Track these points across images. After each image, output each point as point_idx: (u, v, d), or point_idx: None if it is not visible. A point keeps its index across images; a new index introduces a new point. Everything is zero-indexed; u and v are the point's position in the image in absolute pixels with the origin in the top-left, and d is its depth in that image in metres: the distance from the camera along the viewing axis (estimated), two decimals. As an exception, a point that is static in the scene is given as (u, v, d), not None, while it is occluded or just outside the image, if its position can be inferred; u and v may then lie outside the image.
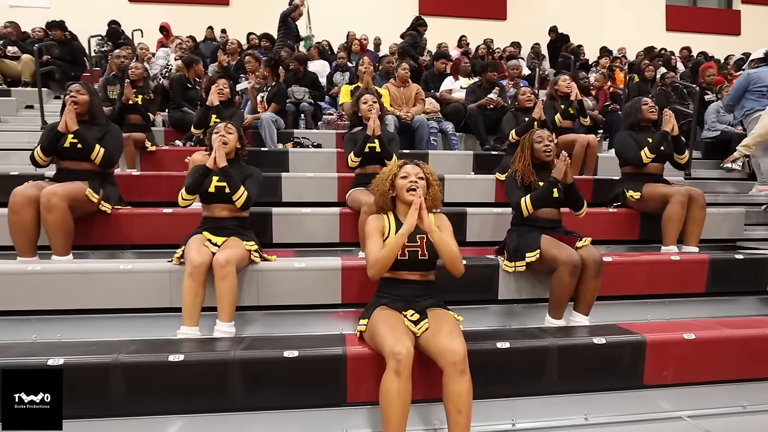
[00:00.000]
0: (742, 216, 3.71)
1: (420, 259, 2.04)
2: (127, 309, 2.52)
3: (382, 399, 1.71)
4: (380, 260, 1.96)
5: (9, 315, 2.48)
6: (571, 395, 2.16)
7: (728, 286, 2.98)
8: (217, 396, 1.92)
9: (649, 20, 12.33)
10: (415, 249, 2.04)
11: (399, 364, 1.70)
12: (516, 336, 2.18)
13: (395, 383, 1.69)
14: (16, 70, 6.84)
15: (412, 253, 2.03)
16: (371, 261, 2.01)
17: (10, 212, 2.63)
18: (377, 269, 1.99)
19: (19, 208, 2.62)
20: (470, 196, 3.91)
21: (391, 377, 1.70)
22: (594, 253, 2.45)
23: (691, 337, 2.17)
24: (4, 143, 5.04)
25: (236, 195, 2.52)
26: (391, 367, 1.71)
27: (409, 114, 4.87)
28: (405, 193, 2.09)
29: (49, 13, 8.92)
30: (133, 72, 4.54)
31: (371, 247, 2.04)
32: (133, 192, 3.48)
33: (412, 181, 2.10)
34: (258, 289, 2.55)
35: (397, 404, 1.68)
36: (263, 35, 8.14)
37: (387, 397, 1.69)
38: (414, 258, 2.04)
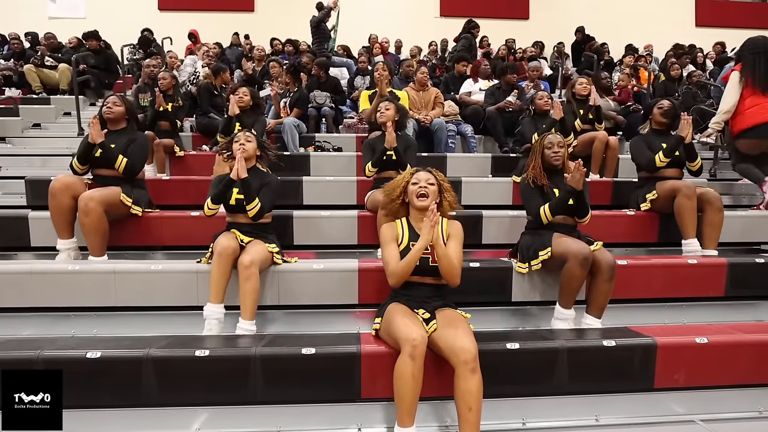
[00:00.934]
0: (766, 218, 3.63)
1: (431, 266, 2.14)
2: (158, 306, 2.68)
3: (397, 381, 1.84)
4: (397, 273, 2.11)
5: (50, 311, 2.67)
6: (582, 396, 2.19)
7: (748, 290, 2.94)
8: (239, 389, 2.04)
9: (678, 16, 12.01)
10: (426, 256, 2.13)
11: (414, 349, 1.82)
12: (526, 337, 2.24)
13: (410, 367, 1.81)
14: (55, 78, 7.21)
15: (423, 260, 2.12)
16: (389, 272, 2.15)
17: (50, 196, 2.89)
18: (396, 279, 2.13)
19: (57, 192, 2.88)
20: (487, 198, 3.95)
21: (406, 361, 1.82)
22: (607, 256, 2.48)
23: (703, 341, 2.17)
24: (45, 149, 5.35)
25: (250, 206, 2.64)
26: (407, 352, 1.83)
27: (428, 117, 4.93)
28: (415, 199, 2.17)
29: (85, 23, 9.36)
30: (162, 82, 4.75)
31: (387, 257, 2.16)
32: (163, 195, 3.67)
33: (422, 186, 2.18)
34: (279, 289, 2.67)
35: (410, 386, 1.81)
36: (287, 41, 8.33)
37: (402, 379, 1.82)
38: (425, 264, 2.13)
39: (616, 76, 7.06)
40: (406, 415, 1.84)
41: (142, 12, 10.79)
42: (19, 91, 7.27)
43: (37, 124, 6.25)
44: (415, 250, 2.05)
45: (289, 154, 4.59)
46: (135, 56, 8.45)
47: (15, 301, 2.63)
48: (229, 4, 11.23)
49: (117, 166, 3.05)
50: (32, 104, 6.62)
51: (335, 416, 2.09)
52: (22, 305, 2.64)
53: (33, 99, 6.86)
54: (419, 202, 2.17)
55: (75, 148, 3.93)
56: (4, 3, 10.76)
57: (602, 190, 4.07)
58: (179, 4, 11.12)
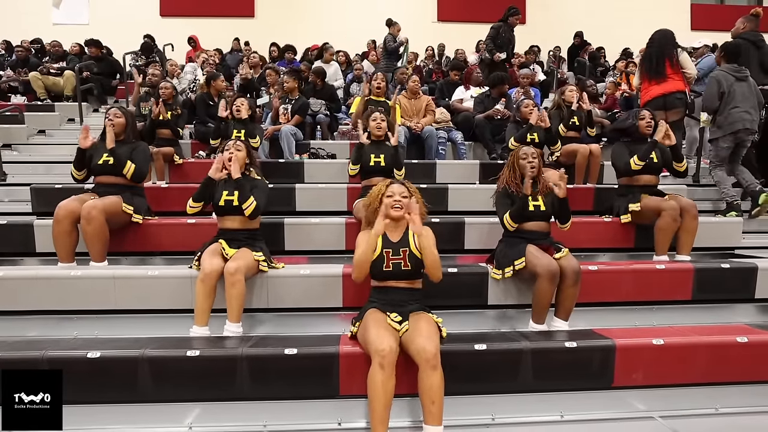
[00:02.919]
0: (739, 224, 3.78)
1: (403, 270, 2.30)
2: (155, 309, 2.85)
3: (369, 389, 1.99)
4: (356, 263, 2.32)
5: (54, 314, 2.84)
6: (547, 394, 2.35)
7: (715, 294, 3.09)
8: (227, 387, 2.21)
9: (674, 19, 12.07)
10: (399, 261, 2.30)
11: (383, 359, 1.97)
12: (495, 339, 2.40)
13: (379, 376, 1.96)
14: (59, 85, 7.41)
15: (396, 265, 2.29)
16: (354, 262, 2.34)
17: (54, 222, 3.03)
18: (357, 271, 2.33)
19: (61, 219, 3.01)
20: (473, 204, 4.09)
21: (376, 370, 1.97)
22: (572, 262, 2.64)
23: (660, 343, 2.32)
24: (50, 156, 5.55)
25: (245, 204, 2.79)
26: (376, 362, 1.98)
27: (419, 125, 5.09)
28: (390, 210, 2.34)
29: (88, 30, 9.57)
30: (163, 91, 4.93)
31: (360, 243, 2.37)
32: (162, 203, 3.84)
33: (396, 200, 2.35)
34: (267, 293, 2.84)
35: (381, 394, 1.95)
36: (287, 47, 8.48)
37: (373, 388, 1.97)
38: (398, 269, 2.30)
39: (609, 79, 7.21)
40: (379, 423, 1.93)
41: (144, 18, 11.00)
42: (24, 98, 7.48)
43: (42, 130, 6.45)
44: (371, 236, 2.26)
45: (283, 162, 4.76)
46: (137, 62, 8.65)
47: (21, 305, 2.81)
48: (230, 9, 11.44)
49: (125, 172, 3.22)
50: (37, 111, 6.82)
51: (317, 412, 2.26)
52: (28, 308, 2.82)
53: (38, 106, 7.07)
54: (394, 212, 2.34)
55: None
56: (9, 10, 11.00)
57: (584, 197, 4.22)
58: (180, 10, 11.34)
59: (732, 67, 4.34)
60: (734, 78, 4.26)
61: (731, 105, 4.21)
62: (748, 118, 4.19)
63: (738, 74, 4.28)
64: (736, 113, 4.18)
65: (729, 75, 4.27)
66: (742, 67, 4.36)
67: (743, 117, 4.18)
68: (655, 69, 4.70)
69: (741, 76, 4.28)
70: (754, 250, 3.75)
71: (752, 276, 3.08)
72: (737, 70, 4.30)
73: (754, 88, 4.31)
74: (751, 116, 4.21)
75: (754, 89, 4.31)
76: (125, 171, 3.22)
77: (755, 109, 4.27)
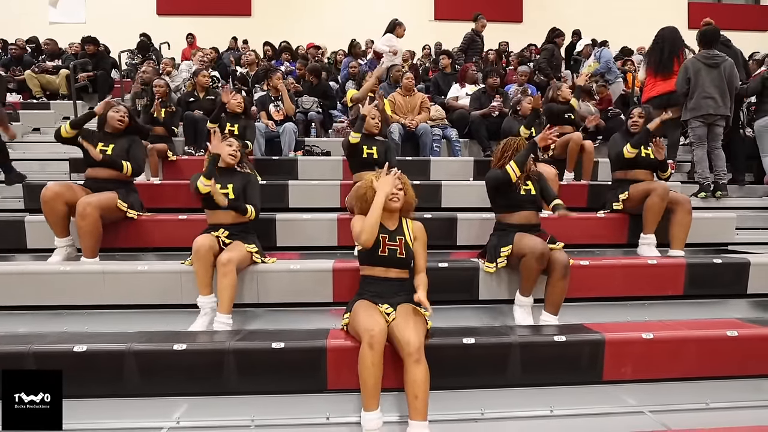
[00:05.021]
0: (733, 220, 3.77)
1: (398, 258, 2.31)
2: (144, 305, 2.84)
3: (360, 369, 2.03)
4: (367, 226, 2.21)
5: (44, 309, 2.84)
6: (537, 388, 2.34)
7: (707, 289, 3.08)
8: (215, 381, 2.20)
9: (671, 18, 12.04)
10: (395, 248, 2.31)
11: (372, 338, 2.00)
12: (483, 333, 2.39)
13: (369, 354, 2.00)
14: (55, 84, 7.39)
15: (391, 251, 2.30)
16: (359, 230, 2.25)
17: (43, 203, 3.04)
18: (367, 234, 2.21)
19: (49, 200, 3.03)
20: (466, 201, 4.09)
21: (366, 349, 2.01)
22: (562, 255, 2.63)
23: (649, 337, 2.32)
24: (44, 154, 5.54)
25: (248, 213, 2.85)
26: (366, 341, 2.01)
27: (413, 122, 5.09)
28: (388, 202, 2.32)
29: (85, 28, 9.56)
30: (157, 89, 4.92)
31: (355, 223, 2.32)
32: (155, 199, 3.83)
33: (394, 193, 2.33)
34: (258, 288, 2.83)
35: (371, 372, 2.00)
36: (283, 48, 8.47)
37: (363, 367, 2.01)
38: (393, 255, 2.30)
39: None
40: (370, 398, 2.02)
41: (140, 16, 10.99)
42: (19, 96, 7.46)
43: (37, 128, 6.44)
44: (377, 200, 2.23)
45: (277, 159, 4.75)
46: (134, 61, 8.64)
47: (11, 300, 2.80)
48: (227, 8, 11.44)
49: (125, 172, 3.27)
50: (32, 109, 6.81)
51: (305, 406, 2.25)
52: (18, 304, 2.81)
53: (33, 104, 7.05)
54: (392, 203, 2.33)
55: (73, 152, 4.12)
56: (6, 8, 10.99)
57: (578, 193, 4.22)
58: (177, 9, 11.33)
59: (705, 53, 4.50)
60: (703, 65, 4.43)
61: (698, 90, 4.43)
62: (713, 105, 4.40)
63: (709, 61, 4.44)
64: (701, 98, 4.41)
65: (698, 61, 4.46)
66: (716, 53, 4.49)
67: (708, 103, 4.41)
68: (664, 64, 4.86)
69: (712, 63, 4.43)
70: (747, 246, 3.75)
71: (745, 271, 3.07)
72: (709, 57, 4.46)
73: (726, 75, 4.43)
74: (716, 102, 4.41)
75: (726, 76, 4.43)
76: (124, 171, 3.27)
77: (724, 95, 4.43)
